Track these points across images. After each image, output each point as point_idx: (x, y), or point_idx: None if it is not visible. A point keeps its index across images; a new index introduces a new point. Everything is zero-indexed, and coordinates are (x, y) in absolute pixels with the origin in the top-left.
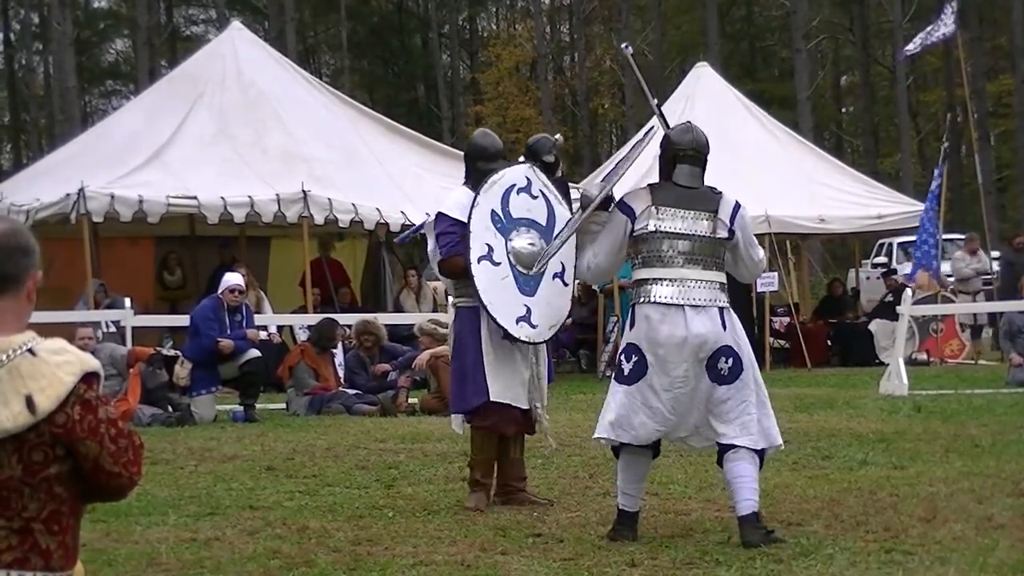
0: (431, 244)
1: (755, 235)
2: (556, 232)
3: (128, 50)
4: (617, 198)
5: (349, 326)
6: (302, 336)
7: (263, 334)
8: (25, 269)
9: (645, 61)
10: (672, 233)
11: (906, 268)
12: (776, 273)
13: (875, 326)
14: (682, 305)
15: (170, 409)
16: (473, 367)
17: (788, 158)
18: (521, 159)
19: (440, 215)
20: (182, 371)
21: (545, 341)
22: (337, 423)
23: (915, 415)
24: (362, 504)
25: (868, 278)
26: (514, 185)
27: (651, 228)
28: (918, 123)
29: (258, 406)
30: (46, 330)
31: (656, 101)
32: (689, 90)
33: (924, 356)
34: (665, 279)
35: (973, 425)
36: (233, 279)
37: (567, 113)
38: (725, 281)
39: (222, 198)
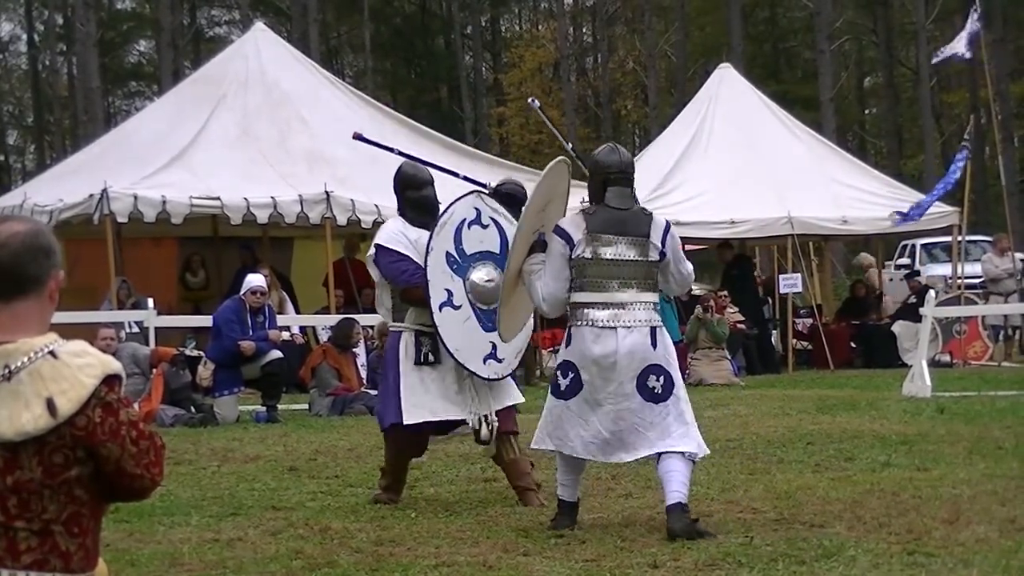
0: (375, 275)
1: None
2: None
3: (151, 51)
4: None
5: (372, 327)
6: (325, 337)
7: (285, 335)
8: (47, 270)
9: (668, 63)
10: (606, 260)
11: (930, 270)
12: (799, 275)
13: (898, 327)
14: (615, 327)
15: (193, 410)
16: (393, 389)
17: (811, 159)
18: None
19: (380, 248)
20: (205, 372)
21: (512, 373)
22: (359, 424)
23: (938, 417)
24: (384, 505)
25: (891, 279)
26: (464, 219)
27: (587, 255)
28: (941, 124)
29: (280, 407)
30: (70, 330)
31: (571, 145)
32: (712, 91)
33: (947, 358)
34: (600, 303)
35: (996, 427)
36: (255, 280)
37: (590, 114)
38: (658, 300)
39: (245, 199)
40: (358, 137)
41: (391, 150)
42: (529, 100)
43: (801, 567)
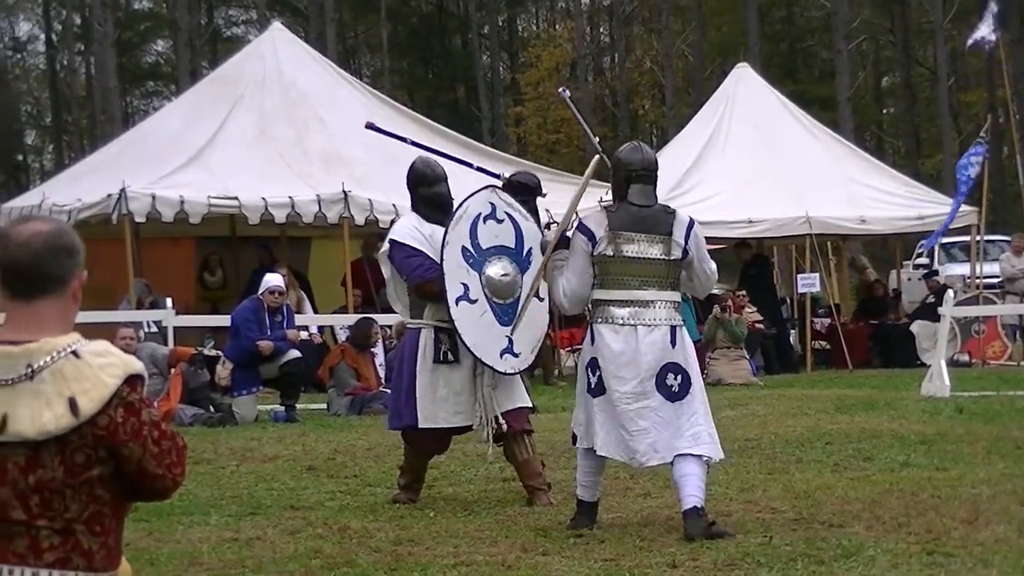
0: (387, 271)
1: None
2: (526, 250)
3: (169, 51)
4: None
5: (390, 326)
6: (343, 337)
7: (303, 334)
8: (69, 269)
9: (686, 62)
10: (628, 258)
11: (948, 269)
12: (817, 274)
13: (917, 327)
14: (635, 325)
15: (212, 409)
16: (407, 389)
17: (829, 159)
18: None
19: (395, 243)
20: (223, 371)
21: (529, 369)
22: (378, 423)
23: (957, 416)
24: (403, 504)
25: (909, 279)
26: (479, 214)
27: (609, 252)
28: (959, 124)
29: (299, 406)
30: (88, 330)
31: (597, 139)
32: (729, 91)
33: (966, 357)
34: (620, 301)
35: (1015, 427)
36: (273, 280)
37: (607, 114)
38: (679, 299)
39: (263, 199)
40: (371, 127)
41: (403, 140)
42: (560, 90)
43: (820, 567)
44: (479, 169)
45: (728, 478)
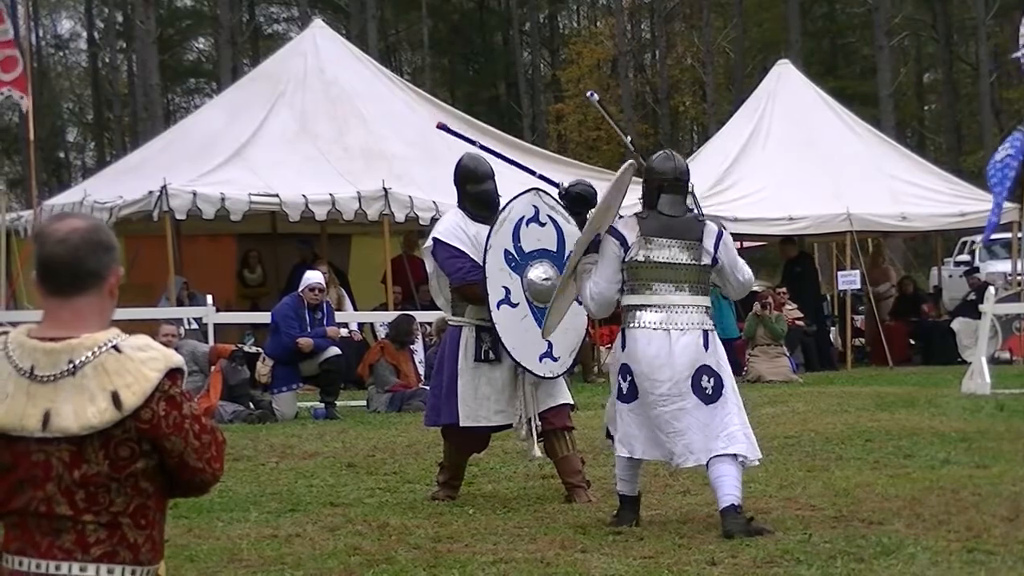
0: (430, 266)
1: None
2: (567, 253)
3: (210, 48)
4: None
5: (430, 323)
6: (383, 334)
7: (343, 331)
8: (107, 265)
9: (727, 59)
10: (659, 263)
11: (989, 266)
12: (858, 271)
13: (958, 324)
14: (668, 329)
15: (252, 406)
16: (448, 387)
17: (870, 156)
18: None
19: (438, 242)
20: (264, 368)
21: (568, 371)
22: (417, 420)
23: (998, 414)
24: (442, 501)
25: (951, 276)
26: (523, 217)
27: (640, 258)
28: (1001, 120)
29: (339, 403)
30: (129, 327)
31: (630, 138)
32: (770, 88)
33: (1007, 355)
34: (652, 306)
35: None
36: (314, 277)
37: (648, 111)
38: (710, 304)
39: (303, 196)
40: (442, 127)
41: (472, 142)
42: (588, 94)
43: (860, 564)
44: (540, 177)
45: (768, 475)
